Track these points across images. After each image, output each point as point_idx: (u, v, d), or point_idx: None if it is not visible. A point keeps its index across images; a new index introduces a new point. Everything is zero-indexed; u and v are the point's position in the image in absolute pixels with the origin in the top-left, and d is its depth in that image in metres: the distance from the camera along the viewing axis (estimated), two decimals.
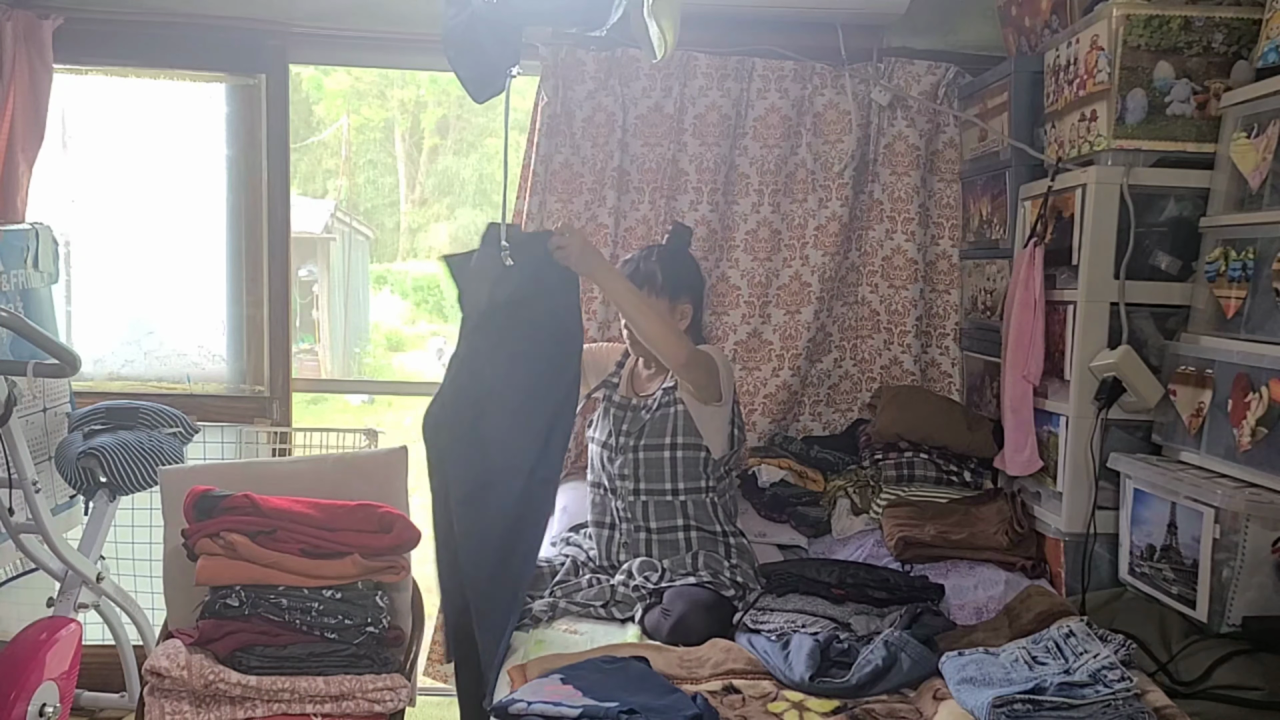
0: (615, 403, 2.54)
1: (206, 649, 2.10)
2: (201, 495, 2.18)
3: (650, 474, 2.43)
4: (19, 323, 2.35)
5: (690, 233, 2.65)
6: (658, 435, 2.44)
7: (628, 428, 2.48)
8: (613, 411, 2.53)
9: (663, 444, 2.44)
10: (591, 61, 2.97)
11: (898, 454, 2.77)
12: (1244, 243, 2.14)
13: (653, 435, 2.44)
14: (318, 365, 9.63)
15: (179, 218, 3.26)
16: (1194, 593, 2.07)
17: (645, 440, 2.45)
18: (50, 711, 2.41)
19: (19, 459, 2.44)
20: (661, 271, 2.48)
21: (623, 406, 2.52)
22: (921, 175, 3.03)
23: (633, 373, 2.62)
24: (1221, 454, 2.13)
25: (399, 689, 2.14)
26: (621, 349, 2.64)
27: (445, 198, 12.19)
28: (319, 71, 10.34)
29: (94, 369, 3.27)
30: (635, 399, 2.53)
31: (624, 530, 2.46)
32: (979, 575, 2.46)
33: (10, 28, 2.92)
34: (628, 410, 2.51)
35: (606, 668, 1.96)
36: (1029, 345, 2.46)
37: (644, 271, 2.49)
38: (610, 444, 2.49)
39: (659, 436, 2.44)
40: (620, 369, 2.63)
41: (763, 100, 3.00)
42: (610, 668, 1.96)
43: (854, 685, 1.93)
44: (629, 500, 2.44)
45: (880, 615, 2.20)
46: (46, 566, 2.66)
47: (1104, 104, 2.32)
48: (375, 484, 2.36)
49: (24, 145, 2.98)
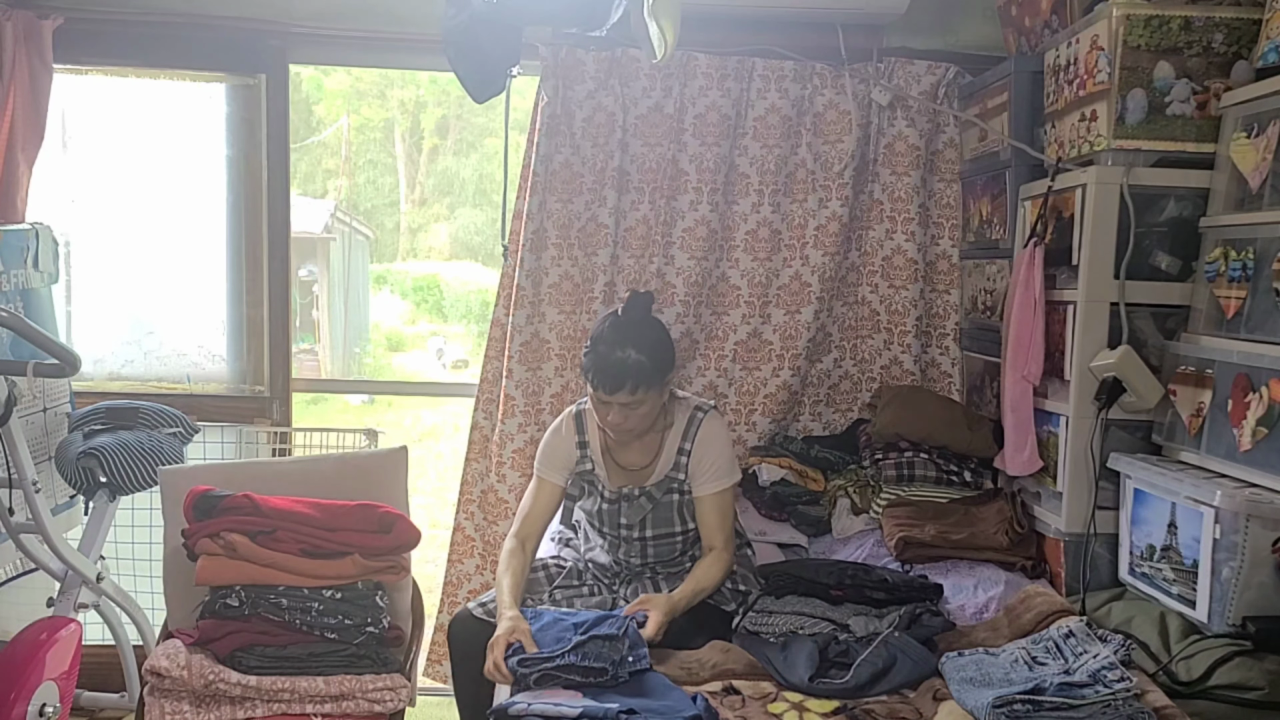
0: (604, 497, 2.35)
1: (206, 649, 2.10)
2: (201, 495, 2.18)
3: (661, 554, 2.36)
4: (19, 323, 2.35)
5: (651, 298, 2.33)
6: (666, 525, 2.33)
7: (627, 520, 2.33)
8: (605, 506, 2.34)
9: (673, 532, 2.34)
10: (591, 61, 2.97)
11: (898, 454, 2.77)
12: (1244, 243, 2.14)
13: (659, 525, 2.33)
14: (318, 365, 9.63)
15: (179, 218, 3.26)
16: (1194, 593, 2.07)
17: (653, 531, 2.33)
18: (50, 711, 2.41)
19: (19, 459, 2.44)
20: (650, 362, 2.18)
21: (614, 500, 2.34)
22: (921, 175, 3.03)
23: (607, 450, 2.35)
24: (1221, 454, 2.13)
25: (399, 689, 2.14)
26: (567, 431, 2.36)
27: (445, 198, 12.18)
28: (319, 71, 10.34)
29: (94, 369, 3.27)
30: (626, 486, 2.34)
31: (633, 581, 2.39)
32: (979, 575, 2.46)
33: (10, 28, 2.92)
34: (620, 502, 2.34)
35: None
36: (1029, 345, 2.46)
37: (635, 374, 2.16)
38: (611, 534, 2.37)
39: (667, 525, 2.33)
40: (584, 450, 2.35)
41: (763, 100, 3.00)
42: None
43: (853, 686, 1.93)
44: (636, 570, 2.39)
45: (879, 616, 2.20)
46: (46, 566, 2.66)
47: (1104, 104, 2.32)
48: (375, 484, 2.36)
49: (24, 145, 2.98)
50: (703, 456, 2.30)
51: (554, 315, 3.03)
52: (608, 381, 2.17)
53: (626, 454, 2.34)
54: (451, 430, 8.18)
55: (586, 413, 2.36)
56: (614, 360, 2.16)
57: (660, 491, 2.31)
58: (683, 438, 2.31)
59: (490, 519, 3.09)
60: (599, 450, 2.35)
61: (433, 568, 4.33)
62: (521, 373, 3.02)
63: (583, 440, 2.36)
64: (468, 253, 11.78)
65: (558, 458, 2.36)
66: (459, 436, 5.42)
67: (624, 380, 2.16)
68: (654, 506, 2.31)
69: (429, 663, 3.13)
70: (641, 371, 2.17)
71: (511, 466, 3.04)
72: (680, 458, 2.31)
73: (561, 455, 2.36)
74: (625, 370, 2.16)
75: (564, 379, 3.04)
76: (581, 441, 2.36)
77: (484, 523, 3.09)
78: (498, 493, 3.06)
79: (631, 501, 2.32)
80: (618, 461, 2.34)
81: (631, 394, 2.17)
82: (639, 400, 2.19)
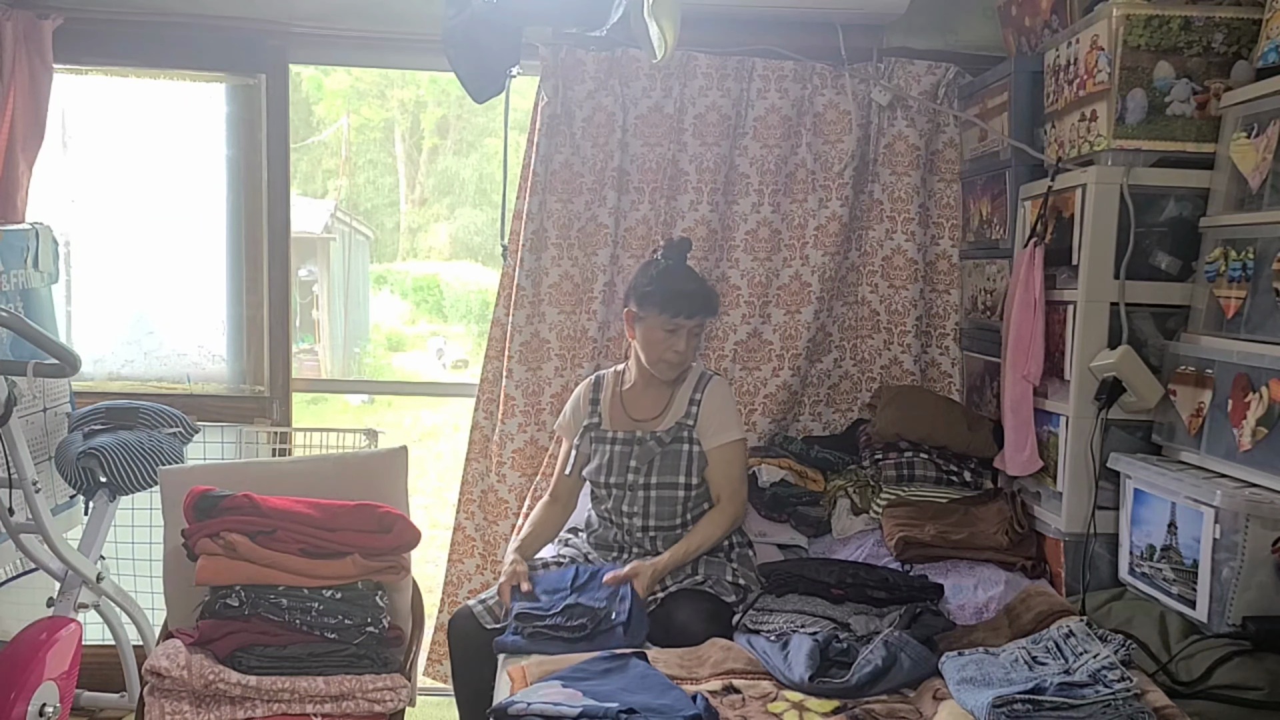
0: (614, 439, 2.47)
1: (206, 649, 2.10)
2: (201, 495, 2.18)
3: (661, 512, 2.42)
4: (19, 323, 2.35)
5: (689, 243, 2.55)
6: (671, 473, 2.41)
7: (635, 464, 2.42)
8: (615, 449, 2.46)
9: (676, 483, 2.42)
10: (591, 61, 2.96)
11: (898, 454, 2.77)
12: (1244, 243, 2.14)
13: (665, 473, 2.41)
14: (318, 365, 9.63)
15: (179, 218, 3.26)
16: (1194, 593, 2.07)
17: (658, 478, 2.41)
18: (50, 711, 2.41)
19: (19, 459, 2.44)
20: (713, 291, 2.51)
21: (626, 442, 2.45)
22: (921, 175, 3.03)
23: (618, 398, 2.53)
24: (1221, 454, 2.13)
25: (399, 689, 2.14)
26: (584, 392, 2.58)
27: (445, 198, 12.19)
28: (319, 71, 10.35)
29: (94, 369, 3.27)
30: (638, 430, 2.46)
31: (633, 555, 2.43)
32: (979, 575, 2.46)
33: (10, 28, 2.91)
34: (632, 445, 2.45)
35: (607, 665, 1.97)
36: (1029, 345, 2.46)
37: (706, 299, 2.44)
38: (617, 484, 2.44)
39: (673, 474, 2.41)
40: (595, 406, 2.54)
41: (763, 100, 3.00)
42: (611, 665, 1.97)
43: (854, 685, 1.93)
44: (636, 536, 2.43)
45: (879, 615, 2.20)
46: (46, 566, 2.66)
47: (1104, 104, 2.32)
48: (375, 484, 2.36)
49: (24, 145, 2.98)
50: (711, 410, 2.46)
51: (554, 315, 3.03)
52: (686, 306, 2.39)
53: (640, 404, 2.50)
54: (451, 430, 8.18)
55: (605, 376, 2.60)
56: (688, 289, 2.41)
57: (669, 437, 2.44)
58: (693, 389, 2.49)
59: (490, 519, 3.09)
60: (608, 402, 2.53)
61: (433, 568, 4.33)
62: (521, 373, 3.02)
63: (595, 397, 2.56)
64: (468, 253, 11.79)
65: (575, 416, 2.57)
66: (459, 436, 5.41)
67: (699, 304, 2.41)
68: (662, 451, 2.42)
69: (429, 663, 3.13)
70: (711, 298, 2.47)
71: (512, 466, 3.04)
72: (691, 407, 2.47)
73: (578, 415, 2.56)
74: (699, 296, 2.42)
75: (564, 379, 3.04)
76: (594, 398, 2.56)
77: (484, 523, 3.09)
78: (498, 493, 3.06)
79: (642, 445, 2.44)
80: (629, 414, 2.50)
81: (704, 318, 2.45)
82: (701, 326, 2.46)
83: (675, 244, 2.50)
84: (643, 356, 2.46)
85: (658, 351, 2.42)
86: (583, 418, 2.54)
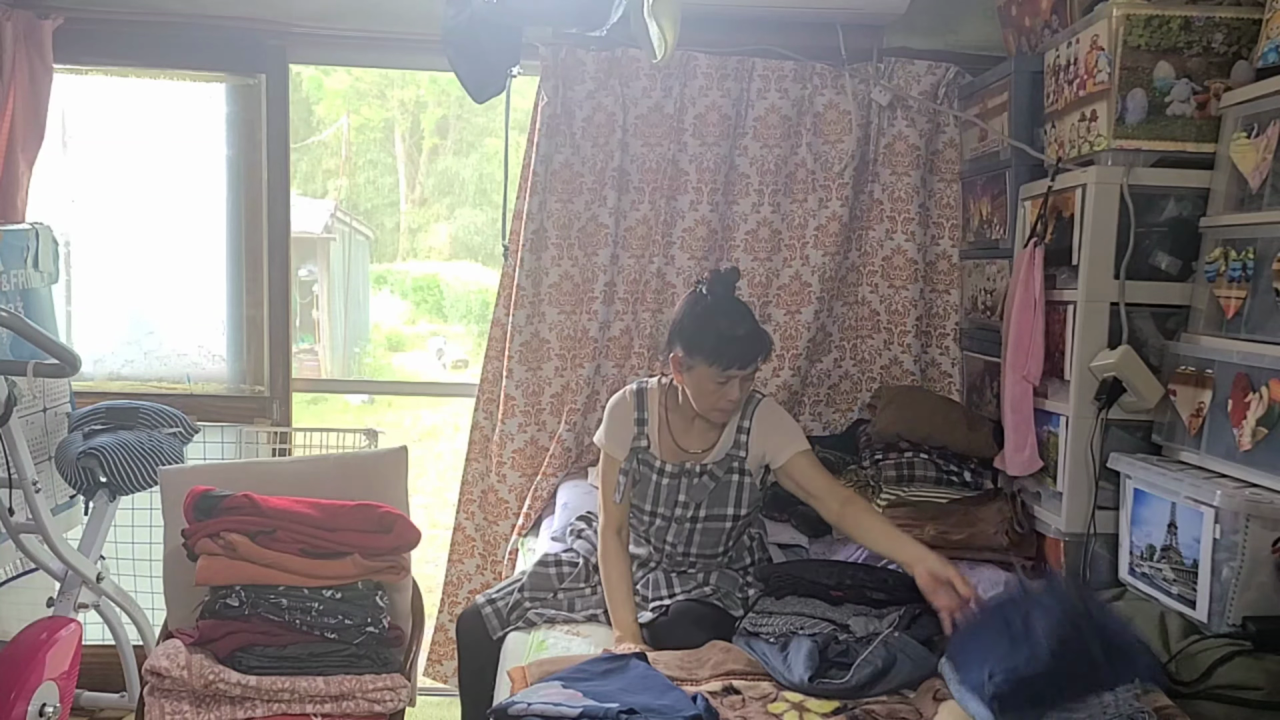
0: (663, 470, 2.34)
1: (206, 649, 2.10)
2: (201, 495, 2.18)
3: (705, 542, 2.35)
4: (19, 323, 2.35)
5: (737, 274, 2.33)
6: (720, 506, 2.33)
7: (685, 498, 2.32)
8: (664, 481, 2.33)
9: (724, 515, 2.33)
10: (591, 61, 2.97)
11: (898, 454, 2.77)
12: (1244, 243, 2.14)
13: (715, 506, 2.32)
14: (318, 365, 9.63)
15: (179, 218, 3.26)
16: (1194, 593, 2.07)
17: (707, 511, 2.33)
18: (50, 711, 2.41)
19: (19, 459, 2.44)
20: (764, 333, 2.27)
21: (675, 475, 2.33)
22: (921, 175, 3.03)
23: (665, 424, 2.37)
24: (1221, 454, 2.13)
25: (399, 689, 2.14)
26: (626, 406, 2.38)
27: (445, 198, 12.19)
28: (319, 71, 10.36)
29: (94, 369, 3.27)
30: (688, 462, 2.33)
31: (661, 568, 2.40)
32: (979, 575, 2.45)
33: (10, 28, 2.92)
34: (682, 478, 2.33)
35: (607, 666, 1.97)
36: (1029, 345, 2.46)
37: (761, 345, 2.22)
38: (664, 514, 2.34)
39: (721, 507, 2.33)
40: (642, 428, 2.36)
41: (763, 100, 3.00)
42: (611, 666, 1.97)
43: (853, 686, 1.93)
44: (676, 560, 2.38)
45: (879, 616, 2.20)
46: (46, 566, 2.67)
47: (1104, 104, 2.32)
48: (375, 484, 2.37)
49: (24, 145, 2.98)
50: (768, 429, 2.32)
51: (554, 315, 3.03)
52: (741, 357, 2.19)
53: (689, 435, 2.35)
54: (451, 430, 8.19)
55: (649, 391, 2.39)
56: (740, 336, 2.20)
57: (722, 470, 2.32)
58: (741, 417, 2.34)
59: (490, 519, 3.09)
60: (656, 428, 2.36)
61: (433, 568, 4.33)
62: (521, 373, 3.02)
63: (641, 417, 2.37)
64: (468, 253, 11.79)
65: (622, 433, 2.37)
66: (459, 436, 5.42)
67: (755, 353, 2.21)
68: (715, 485, 2.32)
69: (429, 663, 3.13)
70: (764, 342, 2.24)
71: (512, 466, 3.04)
72: (740, 436, 2.33)
73: (624, 431, 2.37)
74: (753, 343, 2.21)
75: (564, 379, 3.04)
76: (640, 419, 2.37)
77: (484, 523, 3.09)
78: (498, 493, 3.07)
79: (694, 479, 2.32)
80: (678, 443, 2.35)
81: (758, 366, 2.24)
82: (756, 371, 2.25)
83: (721, 276, 2.28)
84: (694, 403, 2.29)
85: (710, 401, 2.25)
86: (629, 438, 2.36)
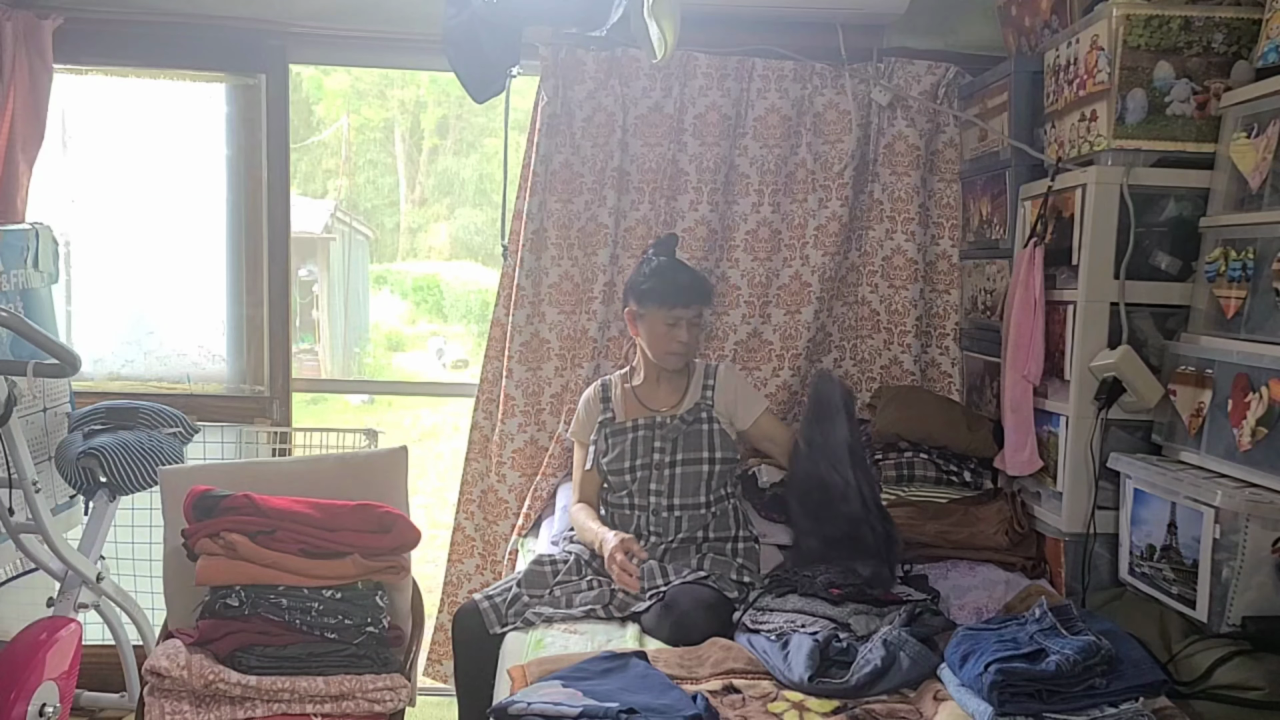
0: (633, 428, 2.56)
1: (206, 649, 2.10)
2: (201, 495, 2.18)
3: (686, 488, 2.48)
4: (19, 323, 2.35)
5: (675, 239, 2.72)
6: (694, 449, 2.50)
7: (660, 444, 2.52)
8: (636, 435, 2.54)
9: (700, 458, 2.50)
10: (591, 61, 2.96)
11: (898, 454, 2.77)
12: (1244, 243, 2.14)
13: (689, 449, 2.50)
14: (318, 365, 9.62)
15: (179, 218, 3.26)
16: (1194, 593, 2.07)
17: (683, 455, 2.50)
18: (50, 711, 2.41)
19: (19, 459, 2.44)
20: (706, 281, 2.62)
21: (647, 428, 2.54)
22: (921, 175, 3.03)
23: (630, 394, 2.62)
24: (1221, 454, 2.13)
25: (399, 689, 2.14)
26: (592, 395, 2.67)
27: (445, 198, 12.18)
28: (319, 71, 10.34)
29: (94, 369, 3.27)
30: (658, 415, 2.56)
31: (649, 543, 2.45)
32: (979, 575, 2.46)
33: (10, 28, 2.91)
34: (654, 429, 2.54)
35: (607, 665, 1.96)
36: (1029, 345, 2.46)
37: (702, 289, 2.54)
38: (642, 465, 2.51)
39: (696, 451, 2.50)
40: (606, 404, 2.63)
41: (763, 100, 3.00)
42: (611, 665, 1.96)
43: (854, 685, 1.93)
44: (662, 516, 2.46)
45: (879, 615, 2.20)
46: (46, 566, 2.66)
47: (1104, 104, 2.32)
48: (375, 484, 2.37)
49: (24, 145, 2.98)
50: (732, 391, 2.59)
51: (554, 315, 3.03)
52: (683, 296, 2.48)
53: (655, 396, 2.60)
54: (451, 430, 8.18)
55: (611, 379, 2.68)
56: (681, 280, 2.51)
57: (691, 417, 2.54)
58: (704, 376, 2.61)
59: (490, 519, 3.09)
60: (621, 398, 2.62)
61: (433, 568, 4.33)
62: (521, 373, 3.02)
63: (605, 396, 2.64)
64: (468, 253, 11.78)
65: (587, 418, 2.64)
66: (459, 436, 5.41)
67: (695, 294, 2.49)
68: (686, 429, 2.52)
69: (429, 663, 3.13)
70: (705, 286, 2.57)
71: (511, 466, 3.04)
72: (706, 392, 2.58)
73: (590, 416, 2.63)
74: (694, 286, 2.51)
75: (564, 379, 3.04)
76: (604, 398, 2.64)
77: (484, 523, 3.09)
78: (498, 493, 3.06)
79: (665, 426, 2.53)
80: (645, 404, 2.59)
81: (701, 307, 2.53)
82: (700, 315, 2.54)
83: (663, 240, 2.66)
84: (649, 352, 2.56)
85: (663, 345, 2.51)
86: (595, 415, 2.62)
